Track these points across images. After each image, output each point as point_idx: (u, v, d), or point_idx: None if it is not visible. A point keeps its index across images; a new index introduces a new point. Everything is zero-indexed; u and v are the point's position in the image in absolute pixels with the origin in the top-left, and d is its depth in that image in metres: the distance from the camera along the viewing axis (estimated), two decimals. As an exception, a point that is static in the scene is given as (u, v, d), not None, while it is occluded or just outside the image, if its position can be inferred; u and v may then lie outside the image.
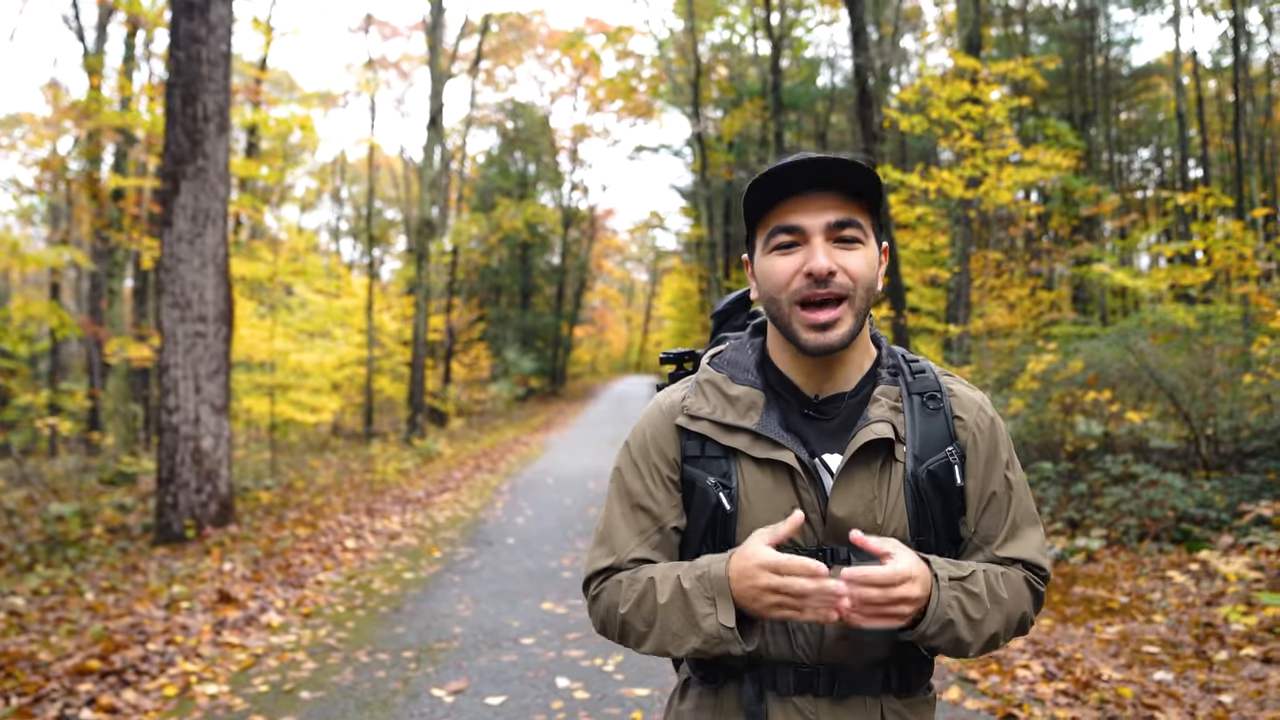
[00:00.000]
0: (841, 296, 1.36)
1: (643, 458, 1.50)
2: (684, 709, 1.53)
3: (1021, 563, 1.46)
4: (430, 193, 19.73)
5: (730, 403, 1.45)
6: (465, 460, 15.90)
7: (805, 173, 1.36)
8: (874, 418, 1.41)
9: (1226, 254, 10.44)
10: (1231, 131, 22.92)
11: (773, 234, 1.40)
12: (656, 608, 1.38)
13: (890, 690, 1.43)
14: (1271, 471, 7.97)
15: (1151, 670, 4.78)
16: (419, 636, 5.62)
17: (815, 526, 1.39)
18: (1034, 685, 4.59)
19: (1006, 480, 1.47)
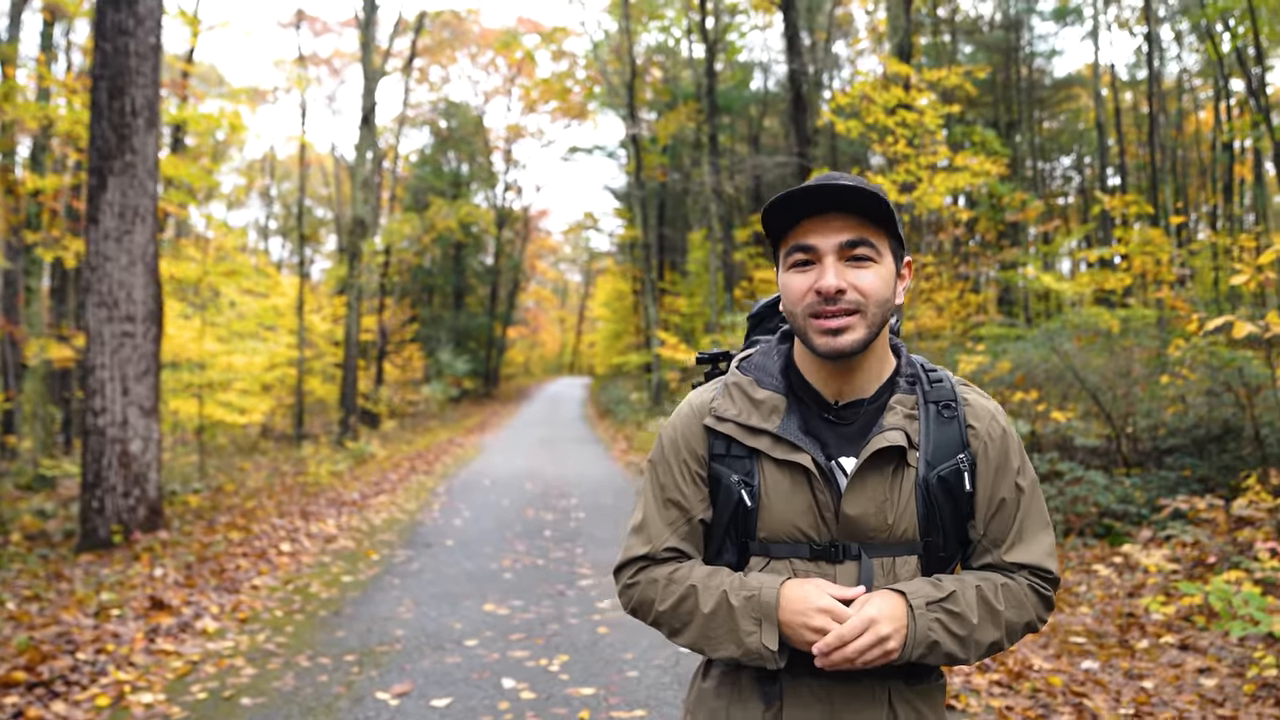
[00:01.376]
0: (852, 311, 1.44)
1: (674, 454, 1.60)
2: (706, 687, 1.62)
3: (1028, 568, 1.53)
4: (363, 191, 19.45)
5: (755, 406, 1.54)
6: (400, 462, 15.71)
7: (818, 197, 1.44)
8: (888, 425, 1.50)
9: (1145, 259, 10.83)
10: (1147, 142, 23.80)
11: (790, 252, 1.49)
12: (697, 613, 1.49)
13: (899, 676, 1.51)
14: (1187, 468, 8.31)
15: (1079, 659, 4.96)
16: (360, 640, 5.56)
17: (829, 524, 1.49)
18: (970, 677, 4.72)
19: (1017, 487, 1.55)
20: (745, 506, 1.50)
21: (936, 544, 1.50)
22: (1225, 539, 6.49)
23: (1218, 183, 26.71)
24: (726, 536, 1.55)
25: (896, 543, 1.48)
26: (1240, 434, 8.10)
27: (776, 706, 1.50)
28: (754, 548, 1.51)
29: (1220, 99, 25.15)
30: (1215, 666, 4.69)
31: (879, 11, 25.67)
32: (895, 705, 1.50)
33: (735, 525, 1.53)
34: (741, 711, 1.54)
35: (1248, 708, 4.16)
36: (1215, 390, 8.36)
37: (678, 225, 33.77)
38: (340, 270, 21.94)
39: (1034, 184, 26.56)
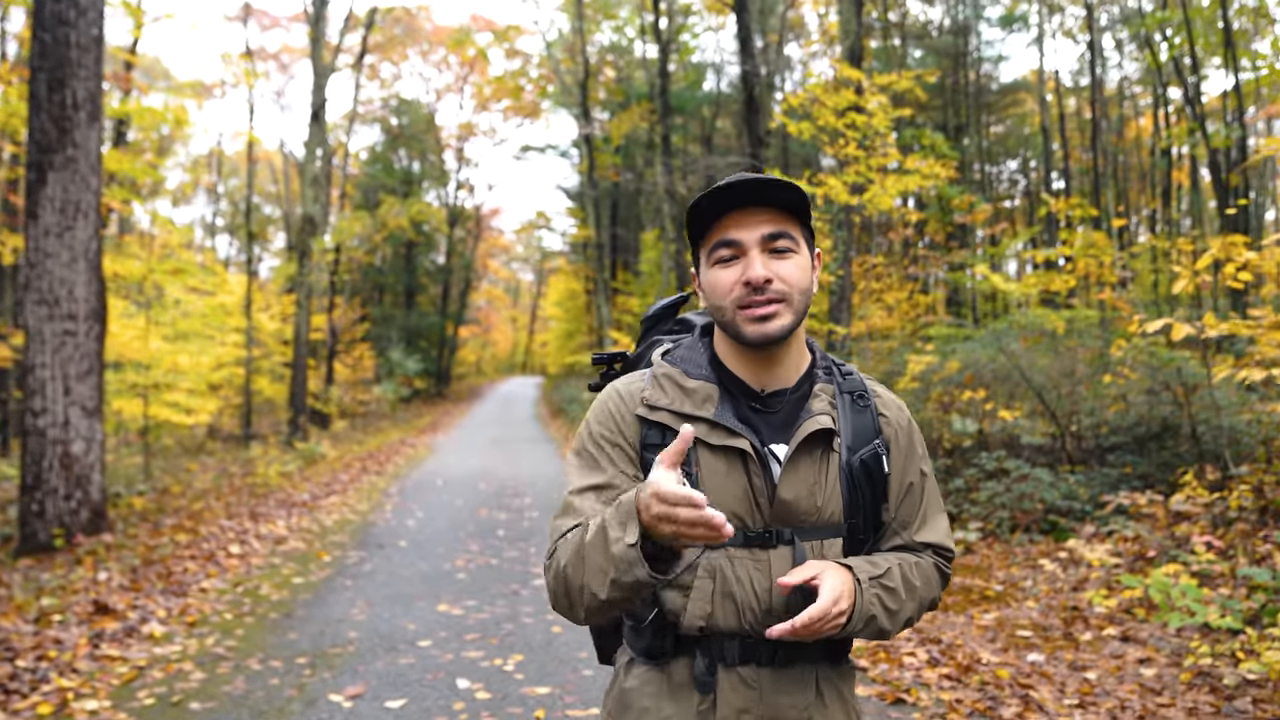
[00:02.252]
0: (778, 299, 1.49)
1: (603, 438, 1.59)
2: (629, 686, 1.60)
3: (932, 547, 1.64)
4: (312, 189, 19.20)
5: (687, 394, 1.56)
6: (351, 462, 15.54)
7: (739, 193, 1.49)
8: (817, 410, 1.56)
9: (1088, 261, 11.07)
10: (1090, 146, 24.34)
11: (715, 249, 1.53)
12: (585, 547, 1.41)
13: (825, 659, 1.57)
14: (1128, 465, 8.53)
15: (1025, 652, 5.07)
16: (313, 642, 5.50)
17: (763, 510, 1.52)
18: (920, 671, 4.81)
19: (921, 472, 1.66)
20: None
21: (857, 526, 1.56)
22: (1164, 533, 6.67)
23: (1156, 187, 27.39)
24: None
25: (824, 526, 1.53)
26: (1178, 432, 8.33)
27: (711, 697, 1.51)
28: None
29: (1159, 106, 25.80)
30: (1154, 657, 4.82)
31: (831, 14, 25.94)
32: (822, 688, 1.55)
33: None
34: (674, 705, 1.53)
35: (1184, 695, 4.29)
36: (1155, 389, 8.58)
37: (630, 225, 33.80)
38: (289, 268, 21.63)
39: (981, 187, 27.04)
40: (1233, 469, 7.08)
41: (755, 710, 1.50)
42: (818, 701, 1.54)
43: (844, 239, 14.05)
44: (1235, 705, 4.12)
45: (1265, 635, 4.62)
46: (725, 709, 1.50)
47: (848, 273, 14.76)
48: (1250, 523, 6.48)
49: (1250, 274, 7.25)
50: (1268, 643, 4.46)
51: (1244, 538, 6.18)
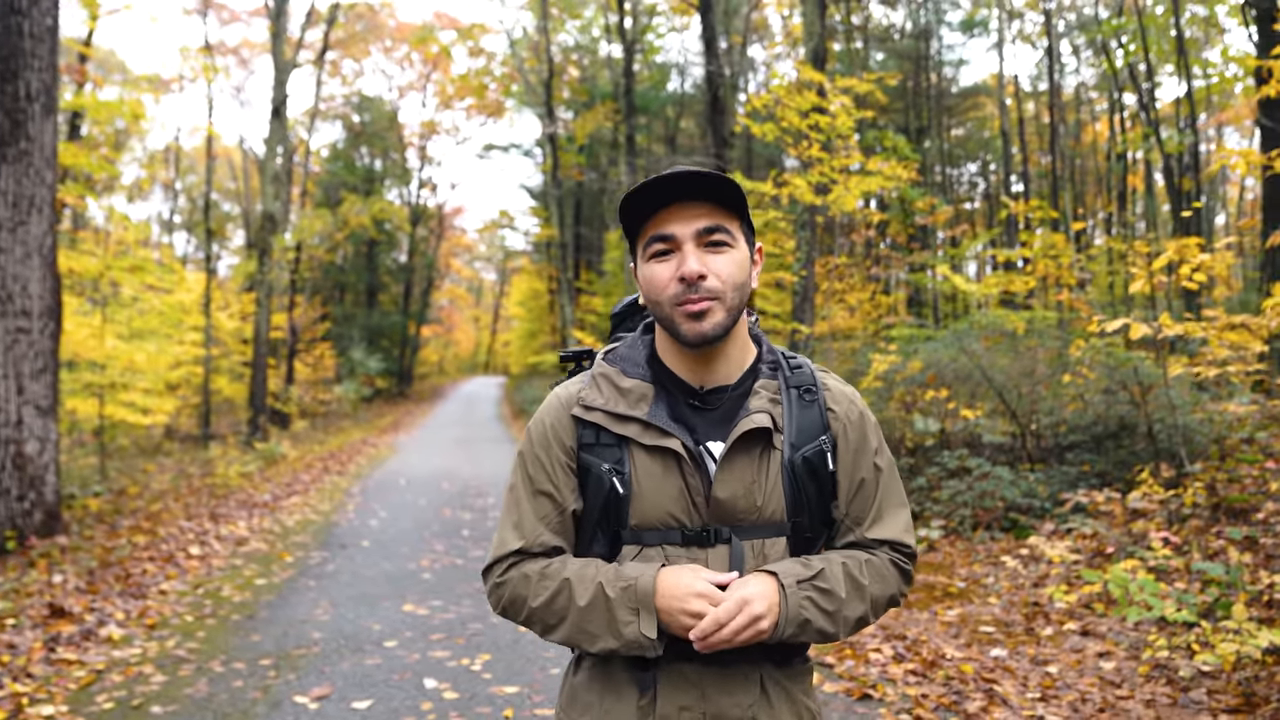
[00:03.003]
0: (712, 296, 1.47)
1: (543, 447, 1.58)
2: (578, 682, 1.62)
3: (888, 543, 1.60)
4: (273, 186, 18.96)
5: (622, 394, 1.55)
6: (312, 463, 15.37)
7: (672, 186, 1.47)
8: (754, 409, 1.54)
9: (1047, 263, 11.24)
10: (1048, 150, 24.73)
11: (650, 243, 1.51)
12: (572, 607, 1.47)
13: (770, 659, 1.55)
14: (1086, 463, 8.68)
15: (989, 647, 5.14)
16: (276, 643, 5.43)
17: (700, 509, 1.51)
18: (885, 667, 4.85)
19: (875, 467, 1.62)
20: (617, 494, 1.50)
21: (803, 525, 1.55)
22: (1122, 530, 6.80)
23: (1112, 191, 27.89)
24: (598, 527, 1.54)
25: (765, 525, 1.52)
26: (1135, 430, 8.49)
27: (651, 694, 1.51)
28: (626, 536, 1.52)
29: (1114, 112, 26.28)
30: (1113, 650, 4.91)
31: (794, 17, 26.11)
32: (767, 688, 1.54)
33: (607, 514, 1.53)
34: (616, 702, 1.54)
35: (1142, 687, 4.37)
36: (1112, 389, 8.73)
37: (594, 225, 33.76)
38: (249, 266, 21.34)
39: (943, 189, 27.37)
40: (1187, 467, 7.22)
41: (696, 708, 1.50)
42: (763, 701, 1.53)
43: (807, 239, 14.15)
44: (1191, 696, 4.20)
45: (1219, 628, 4.72)
46: (666, 706, 1.50)
47: (811, 273, 14.86)
48: (1204, 519, 6.62)
49: (1204, 275, 7.40)
50: (1221, 635, 4.56)
51: (1198, 534, 6.32)
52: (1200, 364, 7.92)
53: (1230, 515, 6.67)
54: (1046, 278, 12.97)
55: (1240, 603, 4.82)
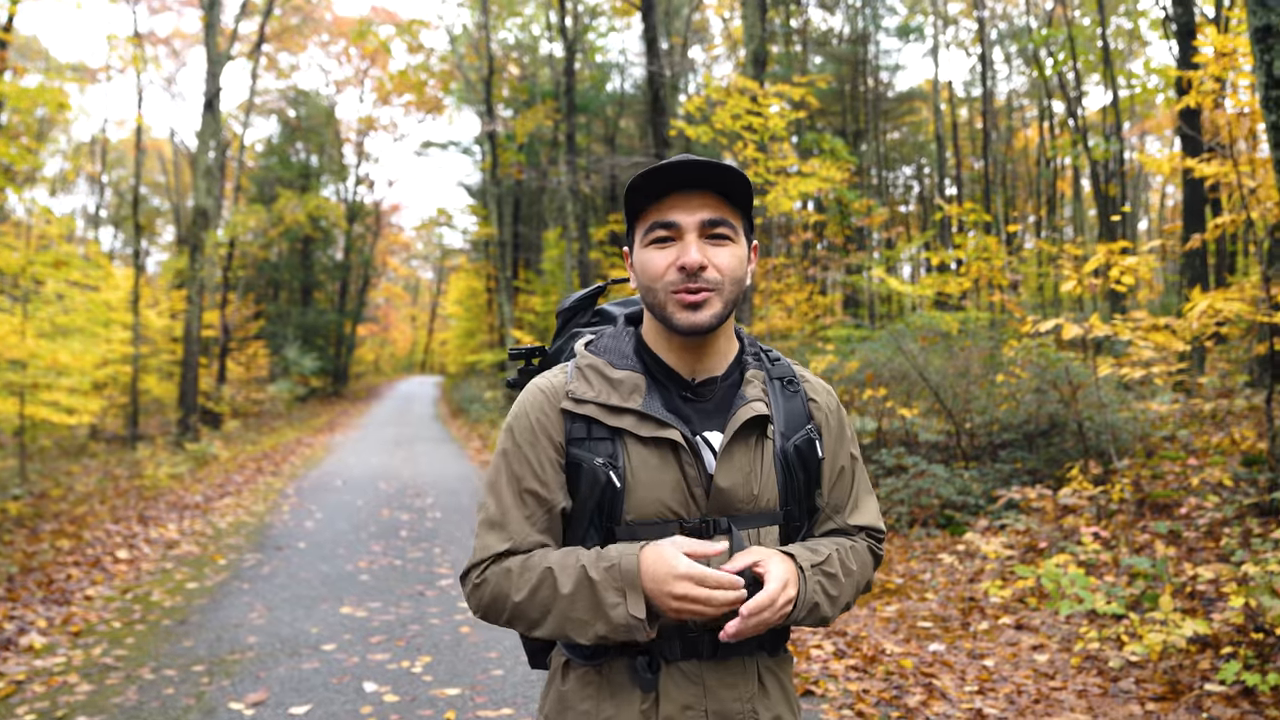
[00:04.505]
0: (710, 288, 1.46)
1: (529, 442, 1.53)
2: (567, 690, 1.56)
3: (865, 529, 1.64)
4: (205, 180, 18.50)
5: (614, 386, 1.52)
6: (245, 463, 15.04)
7: (683, 173, 1.45)
8: (751, 397, 1.54)
9: (981, 265, 11.49)
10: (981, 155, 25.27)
11: (651, 228, 1.49)
12: (557, 597, 1.42)
13: (763, 649, 1.56)
14: (1018, 461, 8.88)
15: (927, 642, 5.23)
16: (210, 648, 5.30)
17: (699, 500, 1.49)
18: (827, 663, 4.91)
19: (852, 456, 1.66)
20: (613, 489, 1.47)
21: (793, 513, 1.56)
22: (1053, 526, 6.97)
23: (1042, 195, 28.61)
24: (591, 524, 1.50)
25: (760, 514, 1.51)
26: (1065, 428, 8.71)
27: (653, 695, 1.48)
28: (620, 532, 1.48)
29: (1044, 119, 26.97)
30: (1046, 643, 5.04)
31: (735, 19, 26.29)
32: (763, 678, 1.54)
33: (601, 510, 1.49)
34: (614, 706, 1.49)
35: (1075, 678, 4.49)
36: (1043, 388, 8.94)
37: (533, 223, 33.59)
38: (180, 263, 20.81)
39: (879, 191, 27.80)
40: (1115, 463, 7.43)
41: (699, 705, 1.48)
42: (760, 692, 1.53)
43: (747, 240, 14.25)
44: (1120, 686, 4.33)
45: (1146, 620, 4.87)
46: (669, 706, 1.48)
47: (750, 274, 14.99)
48: (1130, 514, 6.83)
49: (1132, 279, 7.63)
50: (1149, 626, 4.70)
51: (1125, 528, 6.51)
52: (1126, 364, 8.16)
53: (1155, 510, 6.89)
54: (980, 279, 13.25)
55: (1166, 595, 4.97)
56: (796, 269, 22.39)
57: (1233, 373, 12.02)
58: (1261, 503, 6.46)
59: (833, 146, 16.74)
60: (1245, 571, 4.79)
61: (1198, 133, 10.80)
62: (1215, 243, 13.67)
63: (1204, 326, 7.41)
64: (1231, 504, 6.49)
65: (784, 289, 20.75)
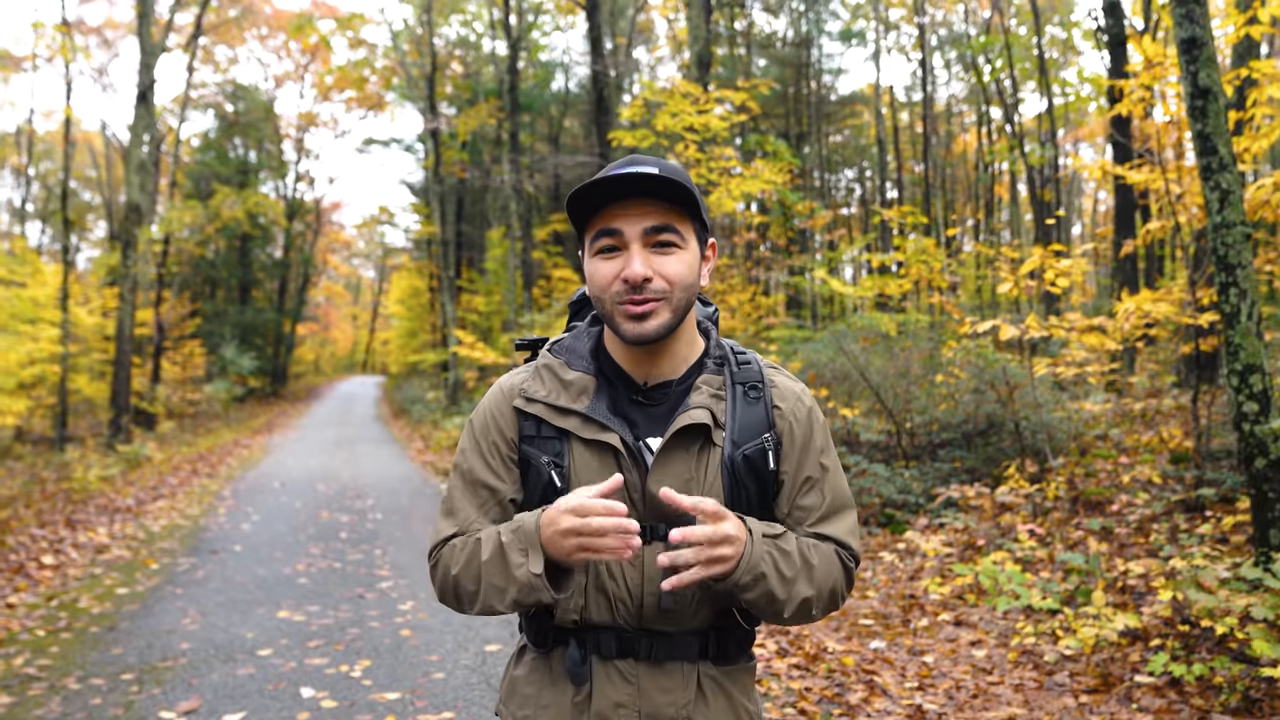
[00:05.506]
0: (657, 298, 1.44)
1: (483, 436, 1.57)
2: (518, 674, 1.60)
3: (834, 541, 1.56)
4: (138, 175, 18.02)
5: (564, 387, 1.53)
6: (180, 465, 14.69)
7: (623, 185, 1.43)
8: (694, 404, 1.51)
9: (920, 267, 11.67)
10: (921, 159, 25.68)
11: (596, 237, 1.47)
12: (481, 565, 1.44)
13: (708, 657, 1.52)
14: (957, 459, 9.03)
15: (868, 640, 5.29)
16: (140, 656, 5.15)
17: (637, 504, 1.48)
18: (770, 662, 4.93)
19: (821, 466, 1.58)
20: (555, 487, 1.48)
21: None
22: (991, 523, 7.10)
23: (980, 199, 29.17)
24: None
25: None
26: (1002, 428, 8.88)
27: (587, 689, 1.49)
28: None
29: (982, 124, 27.49)
30: (985, 638, 5.12)
31: (680, 21, 26.37)
32: (704, 687, 1.51)
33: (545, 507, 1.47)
34: (552, 695, 1.52)
35: (1011, 673, 4.57)
36: (981, 389, 9.11)
37: (477, 222, 33.37)
38: (111, 259, 20.24)
39: (821, 193, 28.11)
40: (1050, 462, 7.60)
41: (632, 705, 1.47)
42: (699, 699, 1.51)
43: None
44: (1055, 679, 4.41)
45: (1080, 614, 4.98)
46: (601, 702, 1.48)
47: (694, 274, 15.05)
48: (1065, 511, 6.98)
49: (1067, 281, 7.80)
50: (1082, 621, 4.81)
51: (1060, 525, 6.65)
52: (1061, 364, 8.35)
53: (1088, 507, 7.05)
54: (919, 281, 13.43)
55: (1099, 589, 5.09)
56: (740, 270, 22.53)
57: (1161, 373, 12.39)
58: (1188, 499, 6.65)
59: (776, 148, 16.88)
60: (1173, 566, 4.93)
61: (1128, 140, 11.09)
62: (1145, 247, 14.05)
63: (1134, 328, 7.62)
64: (1160, 500, 6.67)
65: (727, 290, 20.84)
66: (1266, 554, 4.63)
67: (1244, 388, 4.78)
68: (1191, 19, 5.04)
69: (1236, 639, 4.19)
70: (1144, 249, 14.04)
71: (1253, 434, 4.74)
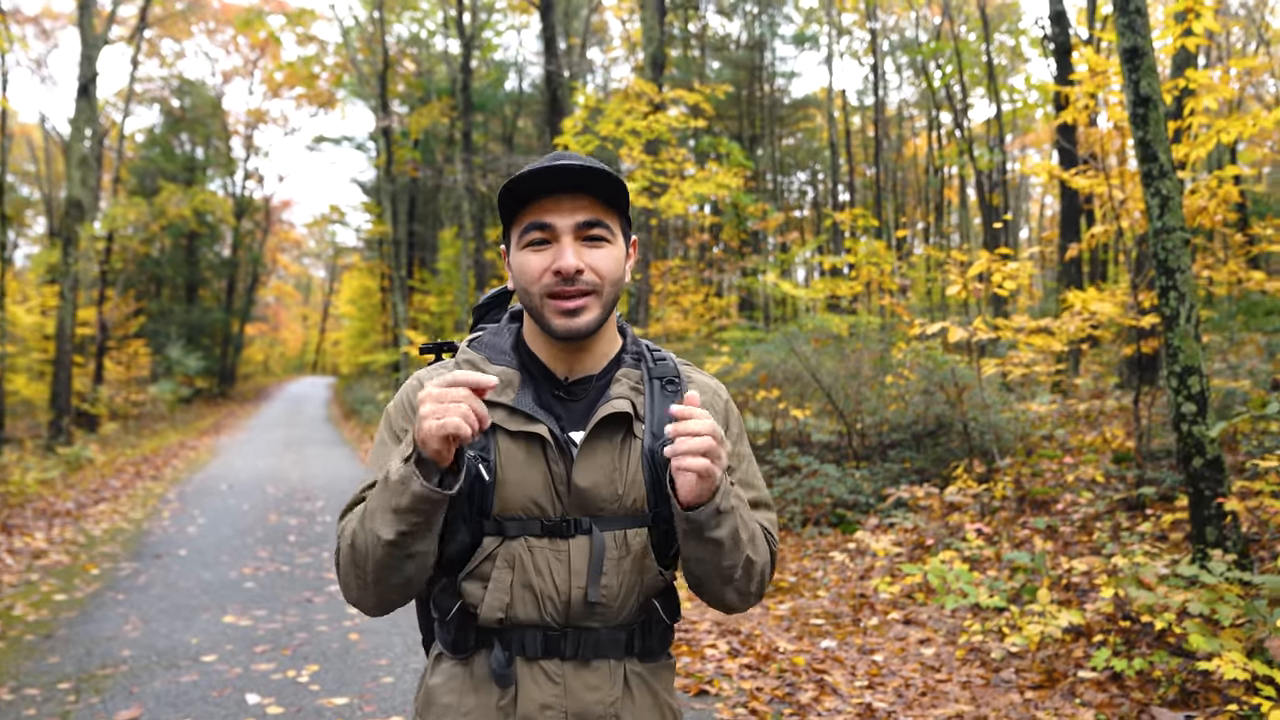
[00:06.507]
0: (588, 291, 1.45)
1: (403, 429, 1.53)
2: (435, 683, 1.55)
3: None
4: (80, 170, 17.60)
5: None
6: (123, 467, 14.38)
7: (556, 177, 1.43)
8: (615, 395, 1.51)
9: (871, 269, 11.80)
10: (873, 162, 25.98)
11: (526, 230, 1.46)
12: (368, 505, 1.39)
13: (633, 654, 1.53)
14: (907, 460, 9.14)
15: (819, 639, 5.33)
16: (78, 664, 5.02)
17: (562, 497, 1.47)
18: (721, 662, 4.95)
19: (739, 455, 1.61)
20: (483, 482, 1.46)
21: (664, 515, 1.51)
22: (940, 523, 7.19)
23: (930, 203, 29.58)
24: (460, 517, 1.47)
25: (627, 514, 1.49)
26: (951, 428, 9.00)
27: (512, 691, 1.47)
28: (489, 526, 1.47)
29: (932, 129, 27.89)
30: (933, 637, 5.19)
31: (634, 22, 26.39)
32: (631, 684, 1.51)
33: (471, 503, 1.47)
34: (474, 701, 1.49)
35: (959, 670, 4.63)
36: (931, 389, 9.23)
37: (429, 222, 33.12)
38: (51, 257, 19.75)
39: (774, 196, 28.30)
40: (997, 462, 7.72)
41: (559, 705, 1.46)
42: (626, 697, 1.51)
43: (643, 242, 14.35)
44: (1002, 676, 4.48)
45: (1026, 612, 5.06)
46: (527, 704, 1.46)
47: (645, 275, 15.07)
48: (1011, 511, 7.10)
49: (1014, 284, 7.93)
50: (1028, 618, 4.89)
51: (1007, 524, 6.76)
52: (1009, 366, 8.49)
53: (1034, 506, 7.17)
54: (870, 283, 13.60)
55: (1044, 587, 5.18)
56: (693, 271, 22.63)
57: (1105, 375, 12.66)
58: (1129, 498, 6.80)
59: (729, 150, 16.98)
60: (1115, 563, 5.03)
61: (1074, 146, 11.31)
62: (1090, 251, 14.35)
63: (1080, 329, 7.77)
64: (1103, 499, 6.81)
65: (680, 291, 20.95)
66: (1203, 551, 4.74)
67: (1183, 389, 4.89)
68: (1133, 29, 5.15)
69: (1174, 634, 4.29)
70: (1088, 253, 14.33)
71: (1190, 434, 4.86)
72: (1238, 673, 3.48)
